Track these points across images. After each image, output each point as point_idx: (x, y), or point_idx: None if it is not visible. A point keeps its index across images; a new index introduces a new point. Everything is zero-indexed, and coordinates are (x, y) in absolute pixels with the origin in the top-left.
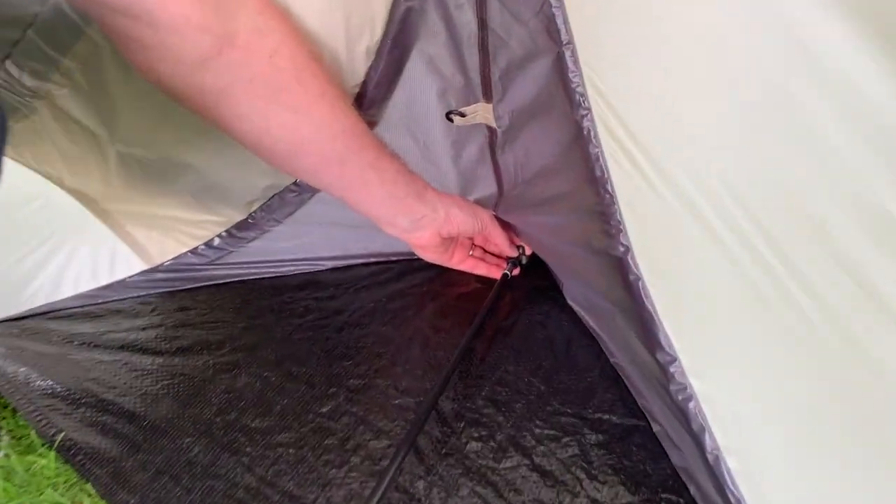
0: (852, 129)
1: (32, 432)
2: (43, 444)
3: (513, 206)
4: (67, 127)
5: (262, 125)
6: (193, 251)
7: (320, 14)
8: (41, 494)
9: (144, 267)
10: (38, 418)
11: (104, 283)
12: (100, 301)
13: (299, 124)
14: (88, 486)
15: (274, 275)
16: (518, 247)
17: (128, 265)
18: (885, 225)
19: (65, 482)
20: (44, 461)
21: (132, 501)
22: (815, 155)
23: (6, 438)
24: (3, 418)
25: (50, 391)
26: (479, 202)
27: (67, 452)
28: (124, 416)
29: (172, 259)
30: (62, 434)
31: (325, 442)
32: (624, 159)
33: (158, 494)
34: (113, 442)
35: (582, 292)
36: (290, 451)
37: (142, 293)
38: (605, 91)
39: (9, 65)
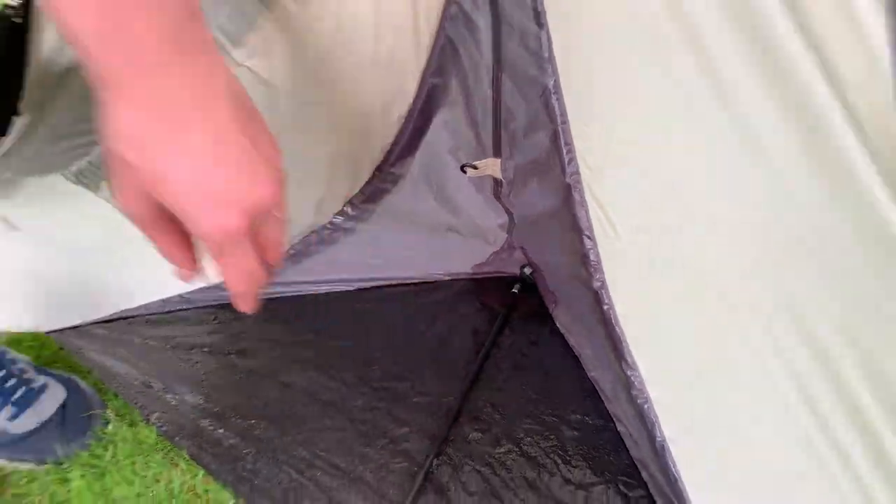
0: None
1: (135, 411)
2: (141, 421)
3: (524, 236)
4: None
5: None
6: None
7: (365, 91)
8: (148, 456)
9: (202, 285)
10: (135, 401)
11: (167, 296)
12: (167, 310)
13: None
14: (182, 452)
15: (314, 292)
16: (522, 268)
17: (184, 283)
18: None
19: (163, 448)
20: (147, 431)
21: (213, 464)
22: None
23: (112, 415)
24: (109, 400)
25: (141, 381)
26: (500, 227)
27: (161, 428)
28: (201, 402)
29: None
30: (155, 414)
31: (360, 428)
32: (603, 219)
33: (234, 459)
34: (195, 421)
35: (575, 313)
36: (334, 433)
37: (201, 305)
38: (592, 164)
39: None
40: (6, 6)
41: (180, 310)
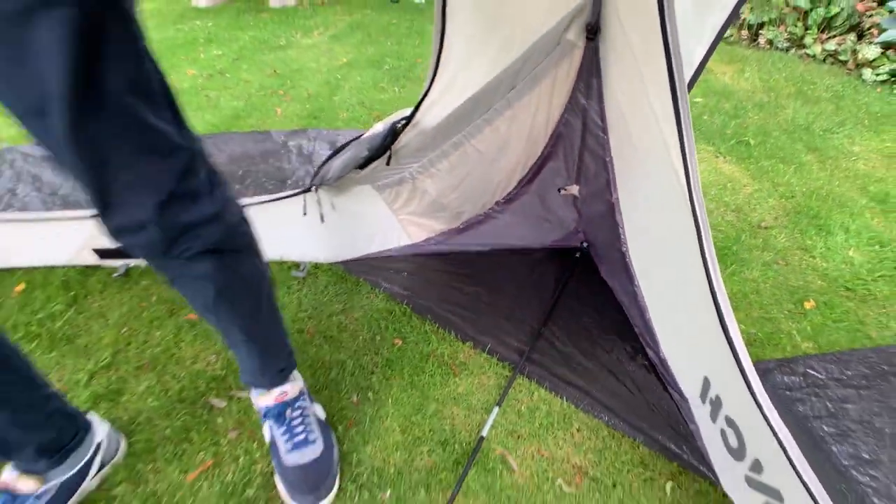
0: None
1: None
2: (404, 304)
3: (586, 225)
4: (416, 192)
5: None
6: (430, 238)
7: (519, 153)
8: (411, 319)
9: (408, 242)
10: (399, 298)
11: (388, 247)
12: (388, 255)
13: None
14: (428, 318)
15: (469, 250)
16: (581, 242)
17: (399, 240)
18: None
19: (419, 318)
20: (405, 308)
21: (441, 323)
22: None
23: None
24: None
25: (393, 287)
26: (573, 220)
27: (414, 309)
28: (425, 298)
29: (423, 240)
30: (409, 301)
31: (507, 317)
32: (626, 221)
33: (450, 324)
34: (427, 306)
35: (611, 266)
36: (492, 318)
37: (407, 254)
38: (621, 197)
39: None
40: (399, 124)
41: (395, 256)
